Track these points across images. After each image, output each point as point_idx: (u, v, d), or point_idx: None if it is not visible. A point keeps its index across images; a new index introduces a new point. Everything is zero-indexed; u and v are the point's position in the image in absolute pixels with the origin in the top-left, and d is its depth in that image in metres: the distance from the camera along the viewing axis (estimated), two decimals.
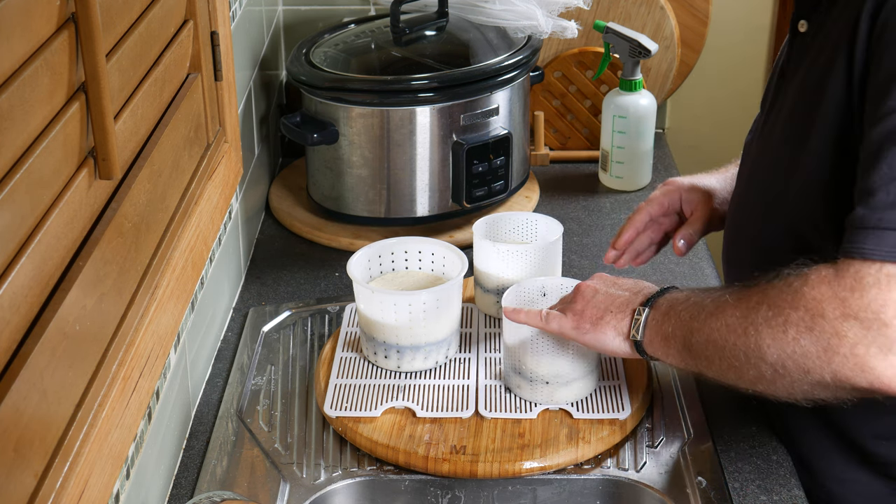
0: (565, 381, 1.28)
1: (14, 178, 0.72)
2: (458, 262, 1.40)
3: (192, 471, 1.26)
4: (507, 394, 1.32)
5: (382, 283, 1.43)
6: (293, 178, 1.90)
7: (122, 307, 0.95)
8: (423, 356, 1.35)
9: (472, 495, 1.24)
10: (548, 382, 1.28)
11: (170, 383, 1.23)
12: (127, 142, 0.97)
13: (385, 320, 1.33)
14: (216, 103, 1.30)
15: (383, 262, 1.44)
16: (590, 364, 1.30)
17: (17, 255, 0.74)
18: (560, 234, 1.45)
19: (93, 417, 0.84)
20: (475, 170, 1.69)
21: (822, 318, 1.04)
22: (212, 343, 1.45)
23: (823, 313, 1.04)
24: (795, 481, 1.22)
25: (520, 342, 1.28)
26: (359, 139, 1.68)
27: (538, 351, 1.27)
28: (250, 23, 1.72)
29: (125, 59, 0.95)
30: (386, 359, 1.35)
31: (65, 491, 0.78)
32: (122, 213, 0.94)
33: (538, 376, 1.28)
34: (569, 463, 1.24)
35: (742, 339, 1.09)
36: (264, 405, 1.35)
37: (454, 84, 1.67)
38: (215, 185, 1.26)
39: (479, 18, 1.79)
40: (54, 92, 0.80)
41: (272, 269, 1.68)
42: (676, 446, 1.27)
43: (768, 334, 1.07)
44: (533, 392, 1.29)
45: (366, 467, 1.25)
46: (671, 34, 2.03)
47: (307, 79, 1.69)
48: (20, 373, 0.72)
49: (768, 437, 1.29)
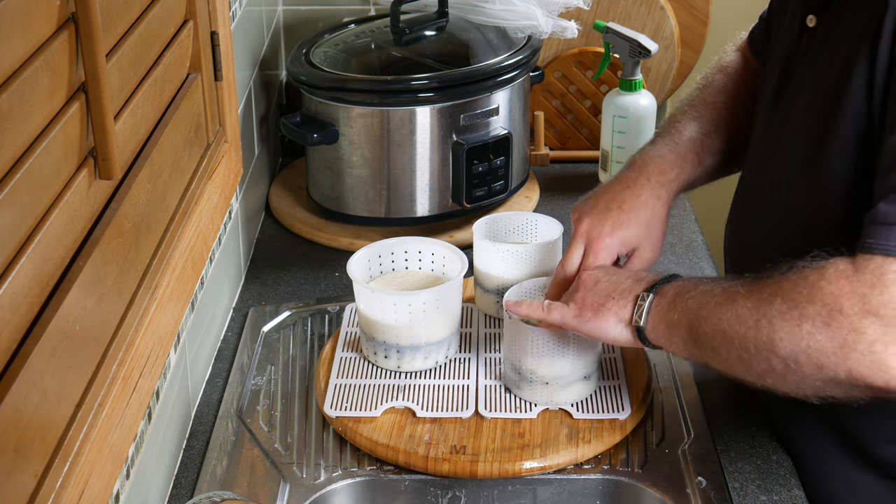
0: (565, 382, 1.28)
1: (14, 178, 0.72)
2: (458, 262, 1.40)
3: (192, 471, 1.26)
4: (507, 394, 1.32)
5: (382, 283, 1.43)
6: (293, 178, 1.90)
7: (122, 307, 0.95)
8: (423, 356, 1.35)
9: (472, 495, 1.24)
10: (547, 383, 1.28)
11: (170, 383, 1.23)
12: (127, 142, 0.97)
13: (385, 320, 1.33)
14: (216, 103, 1.30)
15: (383, 262, 1.44)
16: (590, 366, 1.30)
17: (17, 255, 0.74)
18: (560, 233, 1.45)
19: (93, 417, 0.84)
20: (475, 170, 1.69)
21: (840, 313, 1.02)
22: (212, 343, 1.45)
23: (842, 309, 1.02)
24: (795, 481, 1.22)
25: (520, 343, 1.28)
26: (359, 139, 1.68)
27: (538, 352, 1.27)
28: (250, 23, 1.72)
29: (125, 59, 0.95)
30: (386, 359, 1.35)
31: (65, 491, 0.78)
32: (122, 213, 0.94)
33: (538, 377, 1.28)
34: (569, 463, 1.24)
35: (753, 332, 1.07)
36: (264, 405, 1.35)
37: (454, 84, 1.67)
38: (215, 185, 1.26)
39: (479, 18, 1.79)
40: (54, 92, 0.80)
41: (272, 269, 1.68)
42: (676, 446, 1.27)
43: (782, 327, 1.05)
44: (532, 393, 1.29)
45: (366, 467, 1.25)
46: (671, 34, 2.03)
47: (307, 79, 1.69)
48: (20, 373, 0.72)
49: (768, 437, 1.29)
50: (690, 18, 2.09)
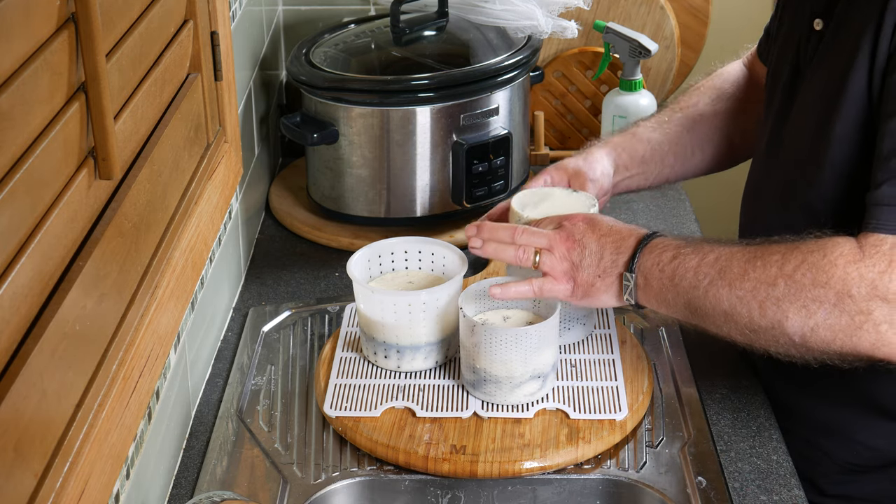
0: (517, 382, 1.27)
1: (14, 178, 0.72)
2: (458, 262, 1.40)
3: (192, 471, 1.26)
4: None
5: (382, 283, 1.43)
6: (293, 178, 1.90)
7: (122, 307, 0.95)
8: (424, 356, 1.35)
9: (472, 495, 1.24)
10: (500, 382, 1.27)
11: (170, 383, 1.23)
12: (127, 142, 0.97)
13: (385, 320, 1.33)
14: (216, 103, 1.30)
15: (383, 262, 1.44)
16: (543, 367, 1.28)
17: (18, 255, 0.74)
18: None
19: (93, 417, 0.84)
20: (475, 170, 1.69)
21: (849, 297, 1.06)
22: (212, 343, 1.45)
23: (850, 292, 1.06)
24: (795, 481, 1.22)
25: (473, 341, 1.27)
26: (359, 139, 1.68)
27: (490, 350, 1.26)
28: (250, 23, 1.72)
29: (125, 59, 0.95)
30: (386, 359, 1.35)
31: (65, 491, 0.78)
32: (122, 213, 0.94)
33: (491, 376, 1.27)
34: (569, 463, 1.24)
35: (758, 313, 1.11)
36: (264, 405, 1.35)
37: (454, 84, 1.67)
38: (215, 185, 1.26)
39: (479, 18, 1.79)
40: (54, 92, 0.80)
41: (272, 269, 1.68)
42: (676, 446, 1.27)
43: (790, 310, 1.09)
44: (486, 393, 1.29)
45: (366, 467, 1.25)
46: (671, 34, 2.03)
47: (307, 79, 1.69)
48: (20, 373, 0.72)
49: (768, 437, 1.29)
50: (690, 18, 2.09)
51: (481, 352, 1.26)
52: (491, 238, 1.29)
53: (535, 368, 1.27)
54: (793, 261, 1.09)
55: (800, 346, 1.11)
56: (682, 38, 2.09)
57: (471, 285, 1.34)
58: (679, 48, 2.05)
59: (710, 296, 1.14)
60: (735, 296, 1.12)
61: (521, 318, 1.33)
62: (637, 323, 1.49)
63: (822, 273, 1.07)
